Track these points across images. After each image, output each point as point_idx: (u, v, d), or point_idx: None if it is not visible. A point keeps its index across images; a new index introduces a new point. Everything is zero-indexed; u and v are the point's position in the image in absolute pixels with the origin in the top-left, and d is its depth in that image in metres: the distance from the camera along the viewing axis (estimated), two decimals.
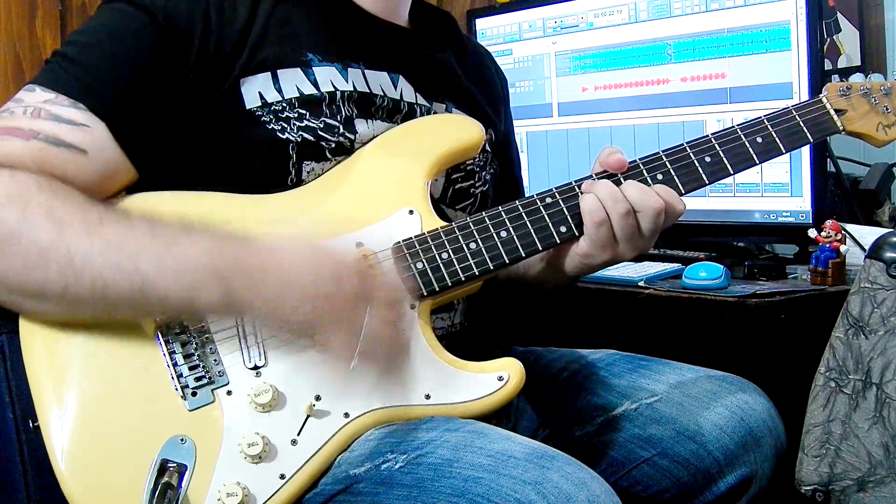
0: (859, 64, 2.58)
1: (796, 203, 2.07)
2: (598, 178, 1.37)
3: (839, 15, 2.61)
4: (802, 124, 1.45)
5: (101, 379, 1.19)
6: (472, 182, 1.53)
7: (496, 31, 2.58)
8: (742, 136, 1.42)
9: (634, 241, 1.36)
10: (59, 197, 1.17)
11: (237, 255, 1.17)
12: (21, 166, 1.19)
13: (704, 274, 1.86)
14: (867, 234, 1.89)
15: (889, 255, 1.47)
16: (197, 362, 1.21)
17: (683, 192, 1.39)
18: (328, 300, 1.16)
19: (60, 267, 1.13)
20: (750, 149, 1.42)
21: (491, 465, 1.13)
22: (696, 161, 1.40)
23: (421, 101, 1.48)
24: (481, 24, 2.61)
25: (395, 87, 1.45)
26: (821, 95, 1.49)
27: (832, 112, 1.47)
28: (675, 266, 2.01)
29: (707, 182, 1.40)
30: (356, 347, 1.17)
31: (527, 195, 1.37)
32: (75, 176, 1.22)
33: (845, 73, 2.54)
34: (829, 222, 1.87)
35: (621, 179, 1.37)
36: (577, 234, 1.35)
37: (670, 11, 2.21)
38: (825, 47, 2.57)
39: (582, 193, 1.35)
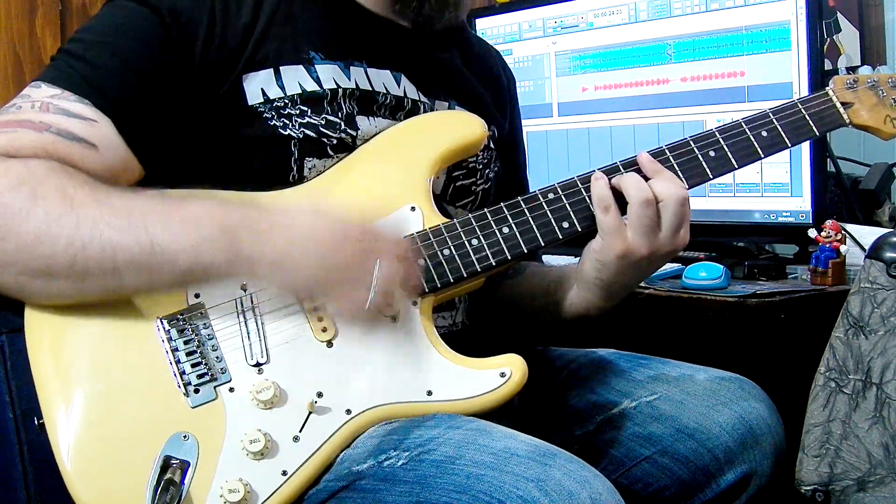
0: (859, 64, 2.58)
1: (796, 203, 2.07)
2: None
3: (839, 15, 2.61)
4: (808, 117, 1.44)
5: (105, 376, 1.20)
6: (473, 180, 1.53)
7: (496, 31, 2.58)
8: (747, 129, 1.42)
9: (651, 234, 1.33)
10: (71, 177, 1.18)
11: (244, 213, 1.19)
12: (32, 156, 1.20)
13: (704, 274, 1.86)
14: (867, 234, 1.90)
15: (889, 255, 1.47)
16: (199, 359, 1.21)
17: (687, 186, 1.38)
18: (335, 257, 1.17)
19: (69, 237, 1.14)
20: (755, 142, 1.41)
21: (494, 462, 1.13)
22: (700, 155, 1.39)
23: (423, 98, 1.48)
24: (481, 24, 2.61)
25: (398, 85, 1.46)
26: (827, 88, 1.48)
27: (838, 105, 1.47)
28: (675, 266, 2.01)
29: (711, 177, 1.40)
30: (366, 300, 1.17)
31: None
32: (86, 169, 1.23)
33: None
34: (829, 222, 1.87)
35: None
36: (579, 228, 1.35)
37: (670, 11, 2.22)
38: (825, 47, 2.57)
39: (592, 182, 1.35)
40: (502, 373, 1.26)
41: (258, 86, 1.33)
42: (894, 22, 2.55)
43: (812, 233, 1.89)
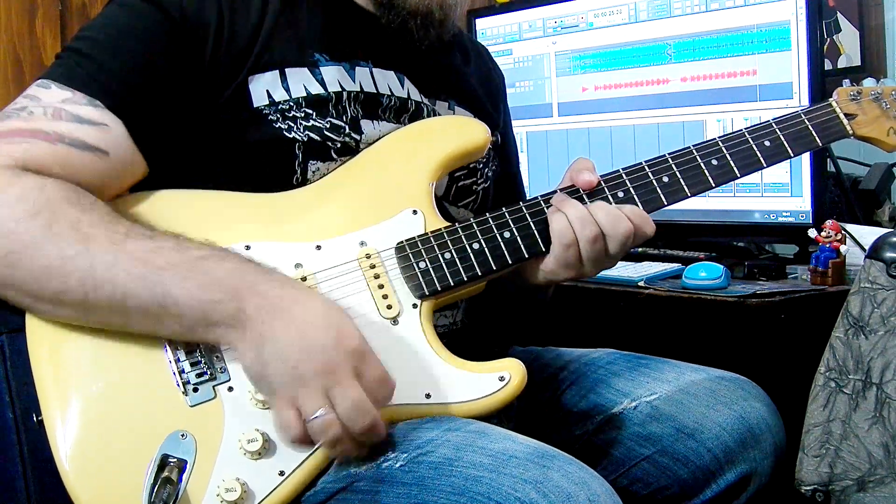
0: (859, 64, 2.58)
1: (796, 203, 2.07)
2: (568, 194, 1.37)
3: (839, 15, 2.61)
4: (811, 128, 1.45)
5: (104, 374, 1.20)
6: (473, 179, 1.54)
7: (496, 31, 2.58)
8: (750, 139, 1.42)
9: (601, 262, 1.35)
10: (87, 211, 1.18)
11: (257, 280, 1.17)
12: (47, 170, 1.20)
13: (704, 274, 1.86)
14: (867, 234, 1.89)
15: (889, 255, 1.47)
16: (199, 358, 1.21)
17: (689, 194, 1.38)
18: (302, 371, 1.13)
19: (81, 277, 1.14)
20: (757, 152, 1.42)
21: (492, 464, 1.13)
22: (702, 164, 1.40)
23: (425, 100, 1.49)
24: (481, 24, 2.61)
25: (402, 87, 1.46)
26: (831, 99, 1.49)
27: (842, 116, 1.47)
28: (675, 266, 2.01)
29: (713, 185, 1.40)
30: (296, 429, 1.14)
31: (531, 196, 1.37)
32: (97, 176, 1.24)
33: (845, 73, 2.55)
34: (829, 222, 1.87)
35: (585, 199, 1.37)
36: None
37: (670, 11, 2.22)
38: (825, 47, 2.57)
39: (550, 210, 1.35)
40: (501, 377, 1.26)
41: (263, 88, 1.33)
42: (894, 22, 2.55)
43: (812, 233, 1.89)
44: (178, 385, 1.20)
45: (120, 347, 1.21)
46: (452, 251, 1.31)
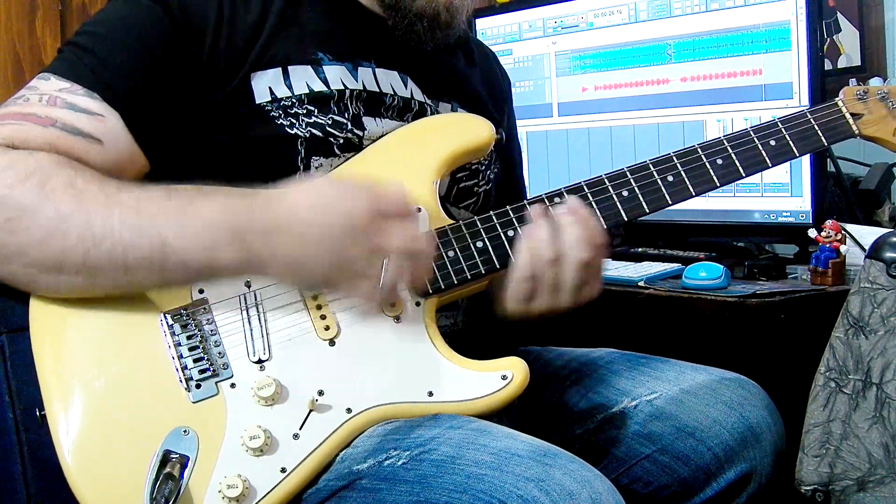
0: (859, 64, 2.58)
1: (796, 203, 2.07)
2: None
3: (839, 15, 2.61)
4: (817, 127, 1.44)
5: (107, 370, 1.20)
6: (475, 181, 1.54)
7: (496, 31, 2.58)
8: (755, 138, 1.42)
9: (553, 292, 1.31)
10: (78, 171, 1.19)
11: (252, 212, 1.18)
12: (35, 149, 1.20)
13: (704, 274, 1.86)
14: (867, 234, 1.89)
15: (889, 255, 1.47)
16: (201, 354, 1.22)
17: (694, 193, 1.38)
18: (344, 254, 1.17)
19: (80, 234, 1.15)
20: (763, 152, 1.41)
21: (494, 462, 1.13)
22: (707, 163, 1.39)
23: (428, 101, 1.49)
24: (481, 24, 2.61)
25: (406, 87, 1.46)
26: (837, 99, 1.48)
27: (848, 116, 1.47)
28: (675, 266, 2.01)
29: (718, 185, 1.39)
30: (374, 295, 1.19)
31: (533, 195, 1.37)
32: (89, 163, 1.23)
33: (845, 73, 2.54)
34: (829, 222, 1.87)
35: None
36: None
37: (670, 11, 2.22)
38: (825, 47, 2.57)
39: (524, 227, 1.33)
40: (504, 375, 1.26)
41: (266, 84, 1.34)
42: (894, 22, 2.55)
43: (812, 233, 1.89)
44: (181, 381, 1.21)
45: (122, 343, 1.22)
46: (456, 249, 1.31)
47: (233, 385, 1.21)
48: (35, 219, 1.15)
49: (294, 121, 1.34)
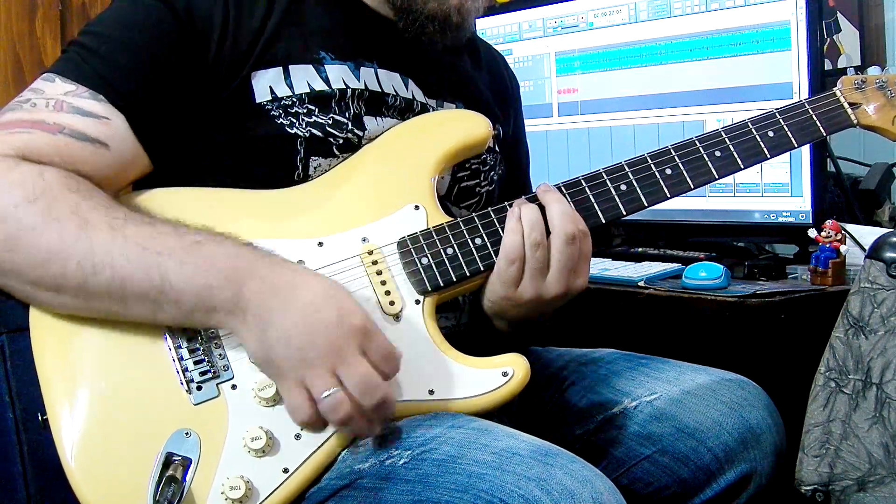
0: (859, 64, 2.58)
1: (796, 203, 2.07)
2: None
3: (839, 15, 2.61)
4: (815, 118, 1.44)
5: (108, 373, 1.20)
6: (477, 181, 1.53)
7: (496, 31, 2.58)
8: (753, 130, 1.42)
9: (538, 276, 1.32)
10: (86, 197, 1.19)
11: (255, 262, 1.18)
12: (47, 160, 1.21)
13: (704, 274, 1.86)
14: (867, 234, 1.90)
15: (889, 255, 1.47)
16: (202, 357, 1.22)
17: (693, 186, 1.38)
18: (309, 352, 1.14)
19: (80, 261, 1.15)
20: (761, 143, 1.41)
21: (495, 461, 1.13)
22: (705, 155, 1.39)
23: (430, 102, 1.49)
24: (481, 24, 2.60)
25: (407, 88, 1.46)
26: (835, 88, 1.48)
27: (846, 105, 1.47)
28: (675, 266, 2.01)
29: (717, 177, 1.40)
30: (306, 411, 1.15)
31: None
32: (97, 169, 1.24)
33: (845, 73, 2.55)
34: (829, 222, 1.87)
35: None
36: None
37: (670, 11, 2.22)
38: (825, 47, 2.57)
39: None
40: (504, 372, 1.26)
41: (267, 84, 1.34)
42: (894, 22, 2.55)
43: (812, 233, 1.89)
44: (182, 383, 1.21)
45: (123, 346, 1.22)
46: (455, 246, 1.31)
47: (234, 386, 1.21)
48: (36, 242, 1.15)
49: (294, 120, 1.34)
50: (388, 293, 1.29)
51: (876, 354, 1.45)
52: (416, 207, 1.33)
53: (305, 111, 1.35)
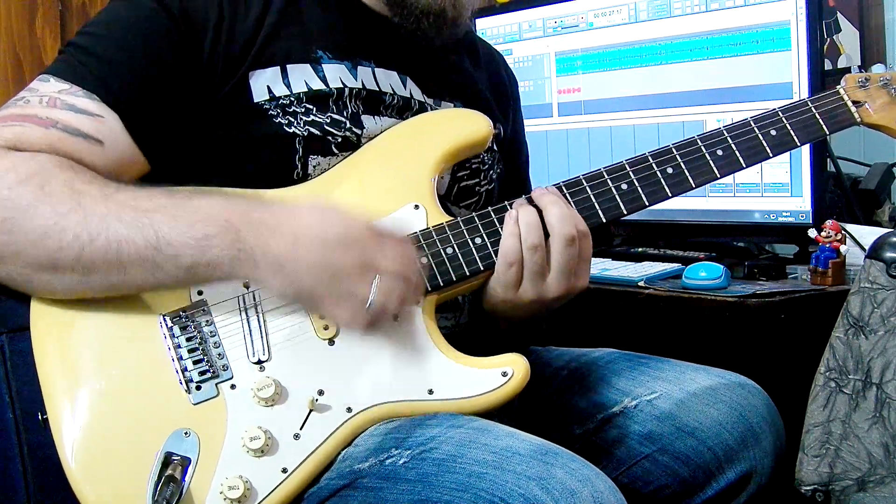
0: (859, 64, 2.58)
1: (796, 203, 2.07)
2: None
3: (839, 15, 2.61)
4: (818, 116, 1.43)
5: (108, 373, 1.20)
6: (477, 180, 1.53)
7: (496, 31, 2.58)
8: (756, 128, 1.41)
9: (538, 279, 1.32)
10: (78, 173, 1.19)
11: (249, 209, 1.19)
12: (37, 151, 1.20)
13: (704, 274, 1.86)
14: (867, 234, 1.89)
15: (889, 255, 1.47)
16: (201, 356, 1.22)
17: (694, 185, 1.38)
18: (336, 264, 1.17)
19: (76, 231, 1.15)
20: (763, 141, 1.40)
21: (495, 461, 1.13)
22: (707, 154, 1.39)
23: (429, 100, 1.49)
24: (481, 24, 2.61)
25: (405, 87, 1.46)
26: (838, 86, 1.47)
27: (849, 103, 1.45)
28: (675, 266, 2.01)
29: (718, 175, 1.39)
30: (362, 312, 1.18)
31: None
32: (91, 164, 1.24)
33: (845, 73, 2.54)
34: (829, 222, 1.87)
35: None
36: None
37: (670, 11, 2.22)
38: (825, 47, 2.57)
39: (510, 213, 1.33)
40: (504, 372, 1.26)
41: (264, 83, 1.34)
42: (894, 22, 2.55)
43: (812, 233, 1.89)
44: (181, 383, 1.21)
45: (123, 346, 1.22)
46: (454, 245, 1.31)
47: (233, 386, 1.21)
48: (32, 218, 1.15)
49: (292, 119, 1.34)
50: None
51: (876, 354, 1.45)
52: (416, 207, 1.33)
53: (303, 110, 1.35)
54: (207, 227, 1.16)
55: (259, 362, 1.23)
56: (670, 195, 1.38)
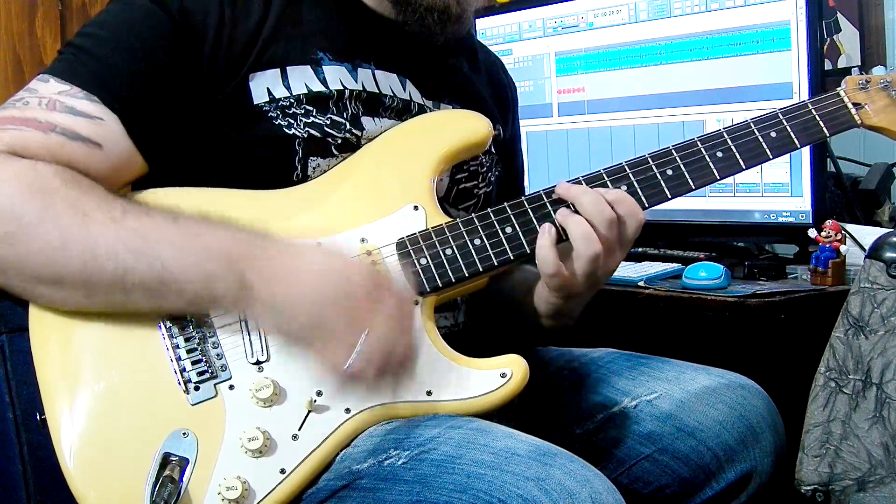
0: (859, 64, 2.58)
1: (796, 203, 2.07)
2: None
3: (839, 15, 2.61)
4: (819, 118, 1.43)
5: (107, 373, 1.20)
6: (475, 182, 1.53)
7: (496, 31, 2.58)
8: (755, 130, 1.40)
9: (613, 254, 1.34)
10: (83, 189, 1.19)
11: (252, 246, 1.19)
12: (37, 157, 1.20)
13: (704, 274, 1.86)
14: (867, 234, 1.89)
15: (889, 255, 1.47)
16: (200, 357, 1.22)
17: (694, 187, 1.38)
18: (334, 306, 1.17)
19: (82, 254, 1.15)
20: (763, 143, 1.40)
21: (494, 461, 1.13)
22: (707, 156, 1.38)
23: (428, 103, 1.49)
24: (481, 24, 2.61)
25: (404, 89, 1.46)
26: (839, 88, 1.46)
27: (850, 106, 1.44)
28: (675, 266, 2.01)
29: (718, 177, 1.39)
30: (344, 362, 1.17)
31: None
32: (90, 168, 1.24)
33: (845, 73, 2.54)
34: (829, 222, 1.87)
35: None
36: None
37: (670, 11, 2.22)
38: (825, 47, 2.57)
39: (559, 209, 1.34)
40: (503, 373, 1.26)
41: (264, 85, 1.34)
42: (894, 22, 2.55)
43: (812, 233, 1.89)
44: (180, 383, 1.21)
45: (122, 347, 1.22)
46: (453, 247, 1.31)
47: (231, 387, 1.21)
48: (37, 234, 1.15)
49: (292, 121, 1.34)
50: None
51: (876, 354, 1.45)
52: (416, 208, 1.33)
53: (303, 112, 1.34)
54: (213, 263, 1.17)
55: (257, 363, 1.23)
56: (670, 197, 1.38)
